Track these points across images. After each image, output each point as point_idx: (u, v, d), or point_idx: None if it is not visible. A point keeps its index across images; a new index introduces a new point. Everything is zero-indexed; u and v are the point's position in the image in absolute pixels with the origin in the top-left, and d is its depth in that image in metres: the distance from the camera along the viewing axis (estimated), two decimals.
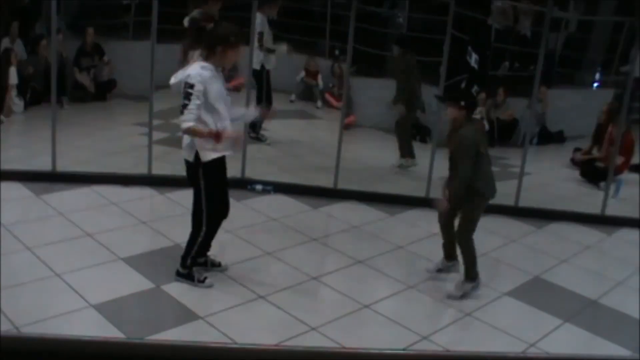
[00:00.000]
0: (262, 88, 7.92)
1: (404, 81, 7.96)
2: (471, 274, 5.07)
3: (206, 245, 4.95)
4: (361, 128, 10.05)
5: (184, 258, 4.86)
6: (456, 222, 5.13)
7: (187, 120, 4.35)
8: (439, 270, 5.36)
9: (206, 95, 4.36)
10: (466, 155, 4.80)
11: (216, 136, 4.40)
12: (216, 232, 4.93)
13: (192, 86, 4.32)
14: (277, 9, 8.05)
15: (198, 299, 4.74)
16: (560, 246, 6.34)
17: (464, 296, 5.03)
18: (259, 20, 7.65)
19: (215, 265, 5.16)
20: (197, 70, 4.37)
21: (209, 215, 4.70)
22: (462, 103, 4.87)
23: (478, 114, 10.02)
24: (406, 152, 8.14)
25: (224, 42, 4.43)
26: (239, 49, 4.55)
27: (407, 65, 7.96)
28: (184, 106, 4.34)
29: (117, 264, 5.09)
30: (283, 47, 8.34)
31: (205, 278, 4.88)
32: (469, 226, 5.01)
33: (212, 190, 4.66)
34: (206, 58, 4.45)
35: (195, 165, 4.57)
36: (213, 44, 4.43)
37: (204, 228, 4.74)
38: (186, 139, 4.55)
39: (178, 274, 4.88)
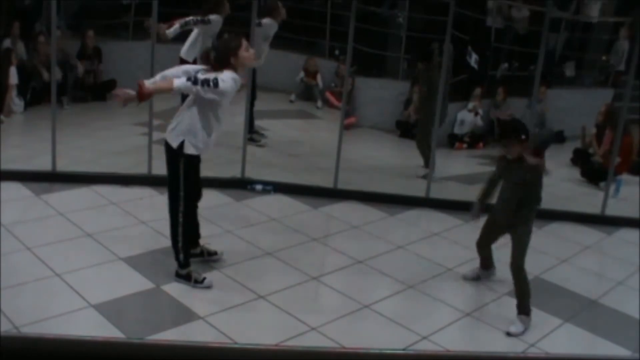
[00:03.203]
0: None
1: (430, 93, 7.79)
2: (526, 308, 4.80)
3: (190, 234, 4.97)
4: (361, 128, 10.06)
5: (177, 257, 4.88)
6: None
7: (180, 84, 4.40)
8: (477, 278, 5.33)
9: (220, 99, 4.52)
10: (540, 183, 4.82)
11: (140, 92, 4.45)
12: (195, 218, 5.01)
13: (216, 84, 4.41)
14: (285, 11, 8.02)
15: (198, 299, 4.74)
16: (560, 246, 6.34)
17: (526, 330, 4.77)
18: (270, 24, 7.67)
19: (211, 254, 5.22)
20: (230, 80, 4.49)
21: (186, 207, 4.76)
22: (523, 136, 4.78)
23: (472, 108, 10.05)
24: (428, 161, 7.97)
25: (231, 50, 4.60)
26: (246, 46, 4.67)
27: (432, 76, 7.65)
28: (207, 82, 4.39)
29: (117, 264, 5.09)
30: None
31: (204, 279, 4.88)
32: (524, 252, 4.85)
33: (190, 185, 4.74)
34: (228, 69, 4.57)
35: (176, 153, 4.63)
36: (226, 58, 4.59)
37: (181, 219, 4.77)
38: (173, 124, 4.64)
39: (177, 274, 4.89)
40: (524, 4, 11.03)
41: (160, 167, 6.82)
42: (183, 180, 4.69)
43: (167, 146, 4.69)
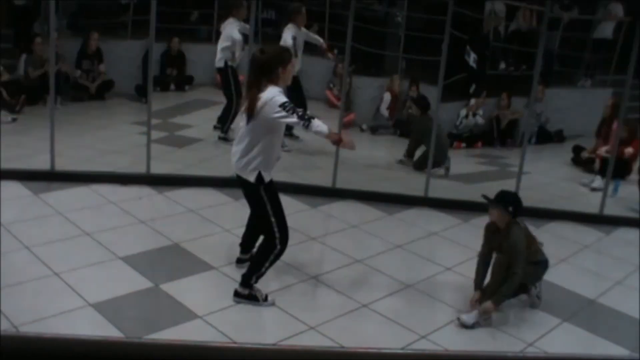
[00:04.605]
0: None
1: (421, 142, 8.04)
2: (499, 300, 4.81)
3: (249, 242, 5.07)
4: (359, 127, 10.07)
5: (248, 277, 4.70)
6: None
7: (323, 127, 4.34)
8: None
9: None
10: (523, 258, 4.73)
11: (338, 140, 4.58)
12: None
13: (286, 102, 4.30)
14: (303, 19, 8.05)
15: (197, 298, 4.73)
16: (558, 245, 6.33)
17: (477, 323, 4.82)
18: (292, 33, 7.78)
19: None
20: (276, 93, 4.33)
21: (281, 233, 4.61)
22: (510, 209, 4.79)
23: (471, 106, 10.08)
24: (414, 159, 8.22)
25: (282, 62, 4.43)
26: (292, 63, 4.58)
27: (426, 126, 7.77)
28: (303, 117, 4.28)
29: (116, 263, 5.09)
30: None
31: (267, 296, 4.73)
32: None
33: (278, 209, 4.61)
34: (272, 83, 4.40)
35: (255, 186, 4.51)
36: (273, 68, 4.39)
37: (278, 246, 4.61)
38: (246, 159, 4.46)
39: (236, 294, 4.72)
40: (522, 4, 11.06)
41: (158, 167, 6.85)
42: (270, 207, 4.55)
43: (243, 181, 4.56)
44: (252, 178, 4.49)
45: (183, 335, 4.21)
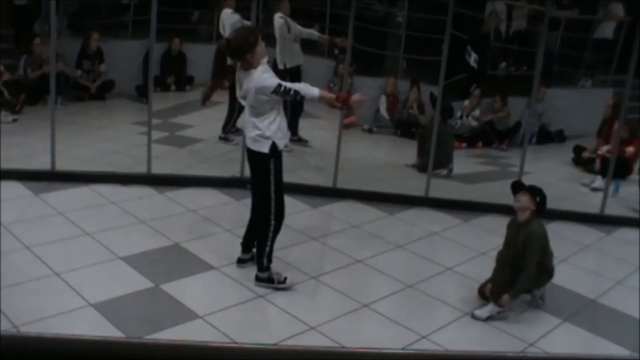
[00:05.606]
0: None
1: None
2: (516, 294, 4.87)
3: (248, 239, 5.05)
4: (360, 127, 10.07)
5: (260, 261, 4.85)
6: None
7: (312, 91, 4.44)
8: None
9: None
10: (537, 252, 4.81)
11: (344, 101, 4.56)
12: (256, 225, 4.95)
13: (278, 85, 4.40)
14: (287, 5, 8.04)
15: (197, 298, 4.74)
16: (559, 245, 6.31)
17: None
18: (279, 20, 7.75)
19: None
20: (263, 74, 4.46)
21: (277, 209, 4.75)
22: (537, 199, 4.89)
23: (465, 106, 10.07)
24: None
25: (249, 48, 4.50)
26: (262, 42, 4.59)
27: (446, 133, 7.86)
28: (296, 93, 4.40)
29: (116, 263, 5.09)
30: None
31: (285, 278, 4.88)
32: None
33: (279, 186, 4.74)
34: (248, 69, 4.53)
35: (268, 156, 4.60)
36: (242, 54, 4.52)
37: (272, 221, 4.76)
38: (258, 132, 4.58)
39: (257, 278, 4.87)
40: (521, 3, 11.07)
41: (159, 167, 6.84)
42: (275, 181, 4.67)
43: (256, 153, 4.65)
44: (265, 149, 4.59)
45: (183, 335, 4.21)
